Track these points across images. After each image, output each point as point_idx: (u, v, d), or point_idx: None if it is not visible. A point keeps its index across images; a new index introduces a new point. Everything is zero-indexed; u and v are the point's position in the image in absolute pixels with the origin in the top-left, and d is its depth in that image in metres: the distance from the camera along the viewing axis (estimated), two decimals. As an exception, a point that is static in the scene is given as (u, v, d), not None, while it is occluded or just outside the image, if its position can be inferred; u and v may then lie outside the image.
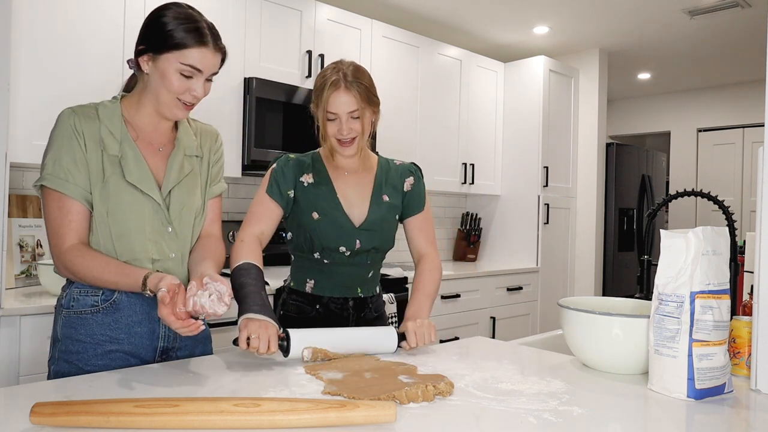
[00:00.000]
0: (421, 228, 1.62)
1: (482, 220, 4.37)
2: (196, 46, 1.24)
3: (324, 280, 1.56)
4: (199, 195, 1.40)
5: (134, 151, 1.29)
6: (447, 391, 1.04)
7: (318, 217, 1.51)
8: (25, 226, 2.30)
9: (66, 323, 1.29)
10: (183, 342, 1.37)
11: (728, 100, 5.84)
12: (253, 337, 1.19)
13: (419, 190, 1.63)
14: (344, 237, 1.52)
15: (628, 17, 3.93)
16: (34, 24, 2.14)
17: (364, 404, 0.90)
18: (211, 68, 1.28)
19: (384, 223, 1.56)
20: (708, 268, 1.07)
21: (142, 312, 1.30)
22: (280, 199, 1.52)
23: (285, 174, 1.53)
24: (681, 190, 1.59)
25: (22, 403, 0.96)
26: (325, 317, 1.56)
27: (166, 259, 1.33)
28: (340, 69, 1.46)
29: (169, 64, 1.24)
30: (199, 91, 1.28)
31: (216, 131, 1.50)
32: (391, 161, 1.65)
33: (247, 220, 1.50)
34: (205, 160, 1.44)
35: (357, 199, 1.56)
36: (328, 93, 1.45)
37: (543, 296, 4.10)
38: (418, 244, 1.62)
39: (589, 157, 4.59)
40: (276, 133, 2.80)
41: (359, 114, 1.46)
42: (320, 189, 1.54)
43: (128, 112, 1.33)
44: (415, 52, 3.59)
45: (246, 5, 2.77)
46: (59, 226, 1.24)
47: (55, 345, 1.31)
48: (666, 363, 1.08)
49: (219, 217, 1.47)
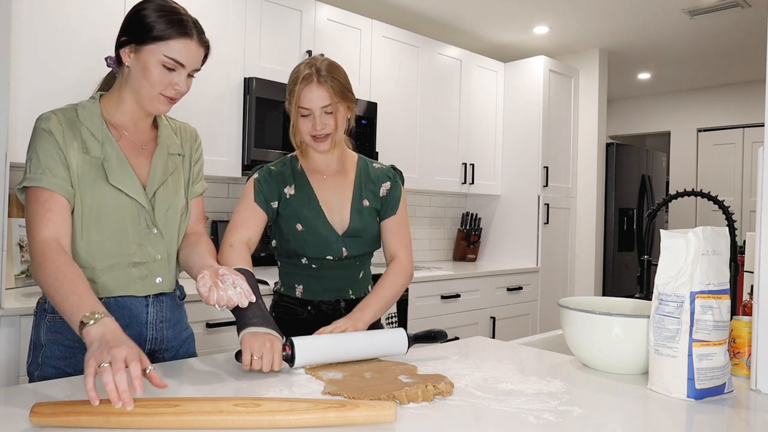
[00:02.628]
0: (394, 232, 1.58)
1: (482, 220, 4.37)
2: (180, 38, 1.21)
3: (313, 284, 1.54)
4: (183, 194, 1.37)
5: (117, 152, 1.26)
6: (447, 391, 1.04)
7: (302, 228, 1.49)
8: (25, 226, 2.30)
9: (51, 328, 1.24)
10: (169, 344, 1.35)
11: (728, 100, 5.84)
12: (256, 358, 1.14)
13: (394, 194, 1.59)
14: (330, 246, 1.50)
15: (628, 17, 3.93)
16: (34, 23, 2.14)
17: (364, 404, 0.90)
18: (193, 62, 1.25)
19: (367, 230, 1.54)
20: (708, 268, 1.07)
21: (130, 316, 1.27)
22: (266, 207, 1.49)
23: (269, 184, 1.51)
24: (681, 190, 1.59)
25: (22, 403, 0.96)
26: (317, 318, 1.54)
27: (152, 261, 1.29)
28: (313, 64, 1.43)
29: (152, 56, 1.21)
30: (182, 85, 1.25)
31: (194, 129, 1.47)
32: (371, 163, 1.62)
33: (233, 225, 1.46)
34: (187, 158, 1.41)
35: (337, 203, 1.53)
36: (300, 87, 1.41)
37: (543, 296, 4.10)
38: (390, 247, 1.58)
39: (589, 157, 4.59)
40: (276, 133, 2.80)
41: (332, 109, 1.43)
42: (302, 199, 1.51)
43: (108, 111, 1.29)
44: (415, 52, 3.59)
45: (246, 5, 2.77)
46: (35, 217, 1.17)
47: (37, 350, 1.26)
48: (666, 363, 1.07)
49: (203, 215, 1.46)
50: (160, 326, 1.32)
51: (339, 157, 1.56)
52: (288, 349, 1.18)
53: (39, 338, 1.26)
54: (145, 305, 1.30)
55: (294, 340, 1.20)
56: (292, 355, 1.18)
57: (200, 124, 2.58)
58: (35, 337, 1.27)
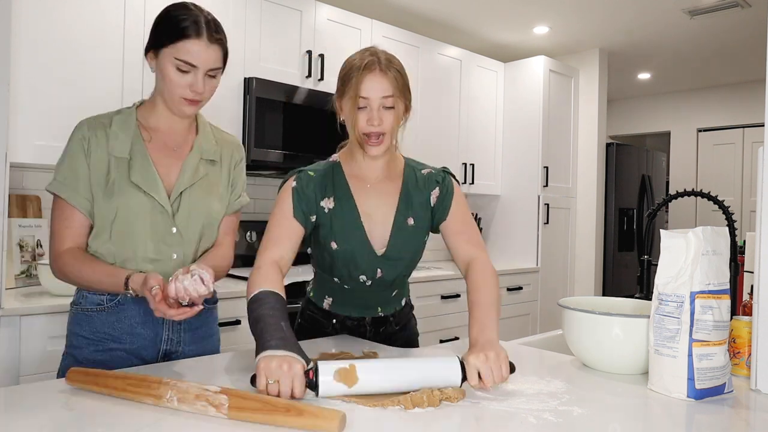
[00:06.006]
0: (459, 231, 1.39)
1: (482, 220, 4.37)
2: (187, 39, 1.23)
3: (343, 299, 1.48)
4: (215, 201, 1.39)
5: (143, 152, 1.31)
6: (455, 396, 1.01)
7: (337, 247, 1.37)
8: (25, 226, 2.30)
9: (74, 319, 1.33)
10: (187, 346, 1.37)
11: (728, 100, 5.84)
12: (271, 383, 0.97)
13: (446, 196, 1.41)
14: (364, 267, 1.39)
15: (628, 17, 3.93)
16: (33, 22, 2.13)
17: (310, 412, 0.88)
18: (206, 62, 1.25)
19: (407, 251, 1.41)
20: (708, 268, 1.07)
21: (146, 314, 1.31)
22: (304, 221, 1.34)
23: (308, 195, 1.35)
24: (681, 190, 1.59)
25: (23, 402, 0.96)
26: (341, 332, 1.50)
27: (168, 259, 1.32)
28: (373, 53, 1.29)
29: (166, 60, 1.25)
30: (199, 86, 1.26)
31: (238, 142, 1.50)
32: (419, 170, 1.45)
33: (265, 244, 1.30)
34: (225, 167, 1.43)
35: (380, 215, 1.39)
36: (360, 75, 1.26)
37: (543, 296, 4.10)
38: (461, 249, 1.38)
39: (589, 157, 4.59)
40: (276, 133, 2.80)
41: (393, 103, 1.28)
42: (341, 212, 1.37)
43: (143, 116, 1.35)
44: (415, 52, 3.59)
45: (246, 5, 2.77)
46: (58, 230, 1.29)
47: (67, 340, 1.35)
48: (666, 363, 1.07)
49: (233, 231, 1.46)
50: (177, 327, 1.35)
51: (387, 162, 1.41)
52: (312, 374, 1.00)
53: (68, 329, 1.35)
54: None
55: (320, 365, 1.01)
56: (316, 382, 1.00)
57: (200, 124, 2.58)
58: (67, 328, 1.36)
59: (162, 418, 0.90)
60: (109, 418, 0.89)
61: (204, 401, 0.91)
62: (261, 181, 3.22)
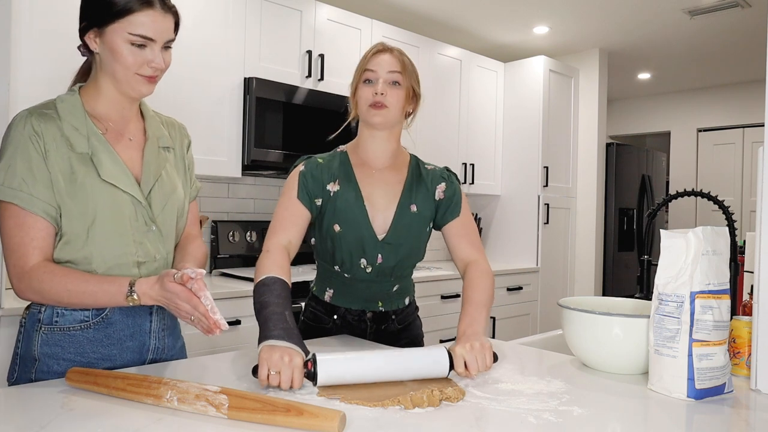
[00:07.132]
0: (461, 234, 1.46)
1: (482, 220, 4.37)
2: (142, 9, 1.10)
3: (343, 291, 1.49)
4: (180, 190, 1.30)
5: (105, 146, 1.17)
6: (455, 396, 1.02)
7: (339, 230, 1.40)
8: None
9: (47, 341, 1.15)
10: (170, 353, 1.30)
11: (728, 100, 5.84)
12: (273, 374, 1.03)
13: (452, 195, 1.47)
14: (365, 250, 1.41)
15: (628, 17, 3.93)
16: (34, 20, 2.14)
17: (309, 412, 0.87)
18: (163, 34, 1.14)
19: (409, 235, 1.44)
20: (708, 268, 1.07)
21: (134, 325, 1.22)
22: (309, 204, 1.39)
23: (314, 178, 1.40)
24: (681, 190, 1.59)
25: (22, 403, 0.96)
26: (342, 328, 1.50)
27: (152, 260, 1.22)
28: (386, 44, 1.41)
29: (117, 36, 1.11)
30: (158, 61, 1.14)
31: (183, 125, 1.39)
32: (423, 164, 1.51)
33: (273, 228, 1.35)
34: (178, 153, 1.34)
35: (383, 201, 1.43)
36: (369, 54, 1.38)
37: (543, 296, 4.10)
38: (461, 251, 1.46)
39: (589, 157, 4.59)
40: (276, 133, 2.80)
41: (399, 79, 1.36)
42: (345, 195, 1.41)
43: (89, 103, 1.19)
44: (415, 52, 3.59)
45: (246, 5, 2.77)
46: (20, 245, 1.10)
47: (27, 364, 1.16)
48: (666, 363, 1.07)
49: (197, 218, 1.41)
50: (161, 334, 1.28)
51: (392, 151, 1.46)
52: (310, 365, 1.06)
53: (31, 351, 1.16)
54: (149, 313, 1.25)
55: (318, 356, 1.07)
56: (314, 372, 1.05)
57: (200, 124, 2.58)
58: (25, 350, 1.17)
59: (162, 418, 0.90)
60: (109, 418, 0.89)
61: (204, 401, 0.91)
62: (261, 181, 3.22)
